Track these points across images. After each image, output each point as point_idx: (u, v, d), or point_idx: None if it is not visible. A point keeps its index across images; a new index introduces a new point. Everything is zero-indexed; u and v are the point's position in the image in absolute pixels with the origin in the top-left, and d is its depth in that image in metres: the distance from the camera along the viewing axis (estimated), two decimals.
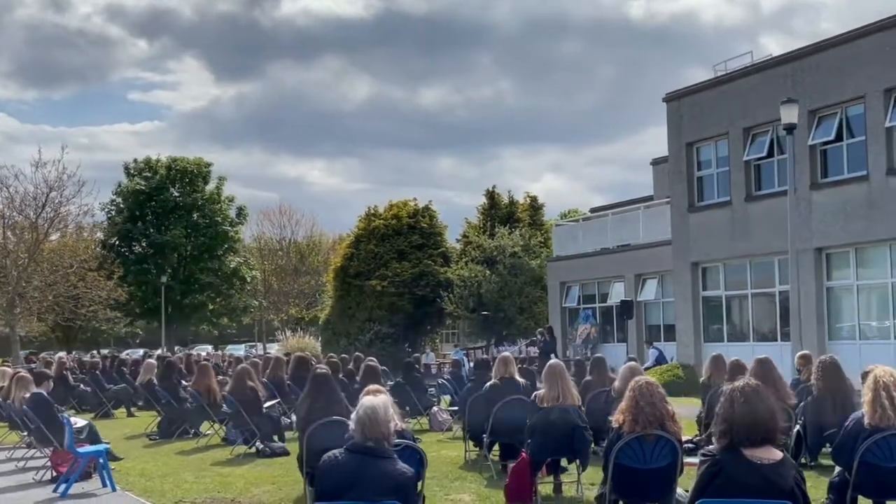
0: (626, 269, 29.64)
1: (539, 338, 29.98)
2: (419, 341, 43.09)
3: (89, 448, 11.06)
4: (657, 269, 28.27)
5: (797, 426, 10.35)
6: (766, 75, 23.38)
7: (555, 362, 9.75)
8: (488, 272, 37.28)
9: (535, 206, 45.86)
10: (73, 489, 10.70)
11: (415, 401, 16.21)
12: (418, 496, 5.85)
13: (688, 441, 9.82)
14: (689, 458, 7.23)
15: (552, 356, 28.90)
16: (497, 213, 43.48)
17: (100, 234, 56.71)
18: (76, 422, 11.92)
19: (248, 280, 61.66)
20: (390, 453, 4.96)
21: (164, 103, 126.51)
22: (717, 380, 12.49)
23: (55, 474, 11.51)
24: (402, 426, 6.82)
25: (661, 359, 26.16)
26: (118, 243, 57.49)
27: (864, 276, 21.46)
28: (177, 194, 58.67)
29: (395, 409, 6.79)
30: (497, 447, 11.61)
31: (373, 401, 5.10)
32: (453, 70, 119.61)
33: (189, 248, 58.26)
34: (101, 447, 11.23)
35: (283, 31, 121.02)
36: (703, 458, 4.84)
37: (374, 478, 4.81)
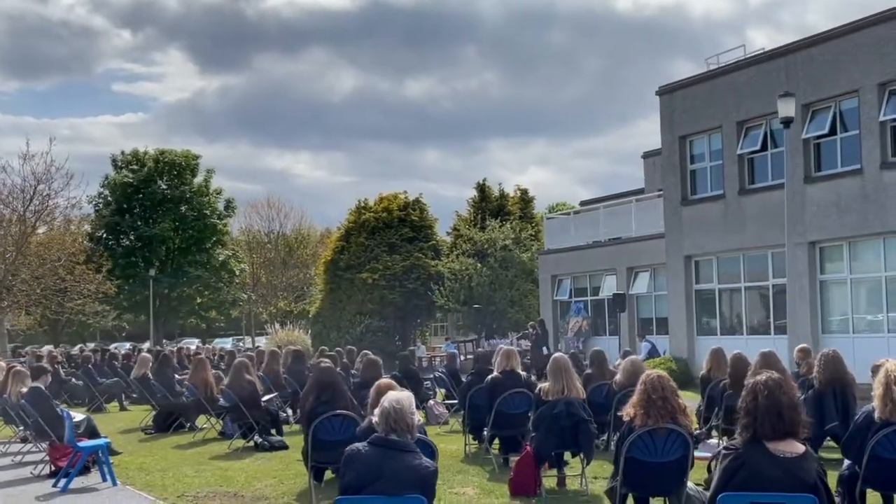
0: (618, 263, 29.66)
1: (531, 331, 30.00)
2: (409, 334, 43.04)
3: (90, 442, 11.00)
4: (649, 262, 28.29)
5: None
6: (760, 69, 23.40)
7: (559, 356, 9.73)
8: (479, 265, 37.25)
9: (525, 199, 45.84)
10: (72, 483, 10.64)
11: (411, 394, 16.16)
12: None
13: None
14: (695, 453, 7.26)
15: (544, 349, 29.04)
16: (488, 206, 43.43)
17: (87, 227, 56.37)
18: (74, 416, 11.82)
19: (236, 273, 61.45)
20: (413, 447, 4.95)
21: (148, 95, 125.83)
22: (717, 373, 12.52)
23: (54, 468, 11.44)
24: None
25: (653, 352, 26.18)
26: (106, 236, 57.18)
27: (857, 270, 21.52)
28: (165, 187, 58.34)
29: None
30: (497, 440, 11.62)
31: (397, 395, 5.08)
32: (439, 62, 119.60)
33: (177, 241, 57.99)
34: (101, 441, 11.17)
35: (269, 23, 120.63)
36: (725, 451, 4.84)
37: (398, 471, 4.80)
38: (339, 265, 41.36)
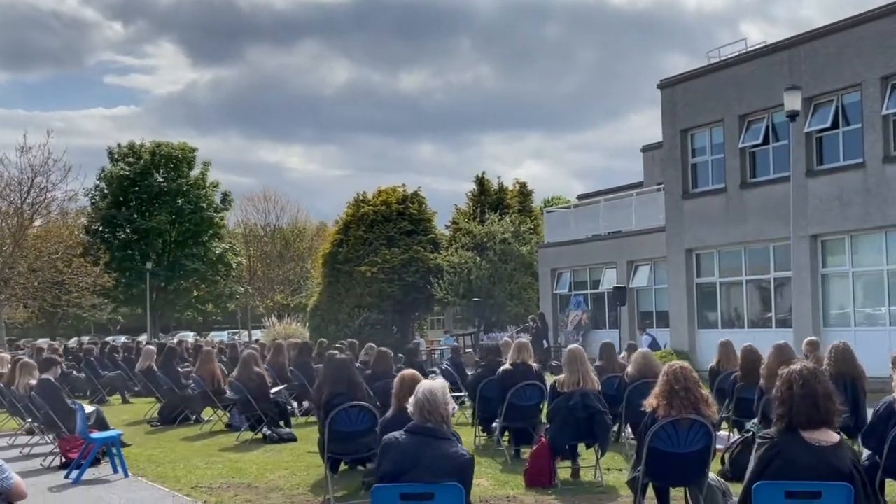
0: (618, 256, 29.69)
1: (531, 324, 30.02)
2: (407, 328, 43.03)
3: (103, 434, 10.98)
4: (650, 255, 28.34)
5: None
6: (762, 62, 23.41)
7: (574, 347, 9.75)
8: (478, 258, 37.25)
9: (524, 193, 45.84)
10: (84, 475, 10.62)
11: None
12: None
13: None
14: None
15: (544, 342, 29.07)
16: (487, 199, 43.42)
17: (83, 220, 56.26)
18: (85, 408, 11.80)
19: (233, 266, 61.38)
20: (450, 435, 4.98)
21: (140, 87, 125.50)
22: (727, 366, 12.57)
23: (64, 460, 11.43)
24: None
25: (654, 345, 26.16)
26: (102, 229, 57.04)
27: (859, 263, 21.58)
28: (161, 180, 58.23)
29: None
30: (507, 433, 11.62)
31: (431, 384, 5.11)
32: (433, 55, 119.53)
33: (174, 234, 57.91)
34: (113, 433, 11.16)
35: (262, 15, 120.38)
36: (760, 440, 4.85)
37: (435, 459, 4.82)
38: (337, 258, 41.33)
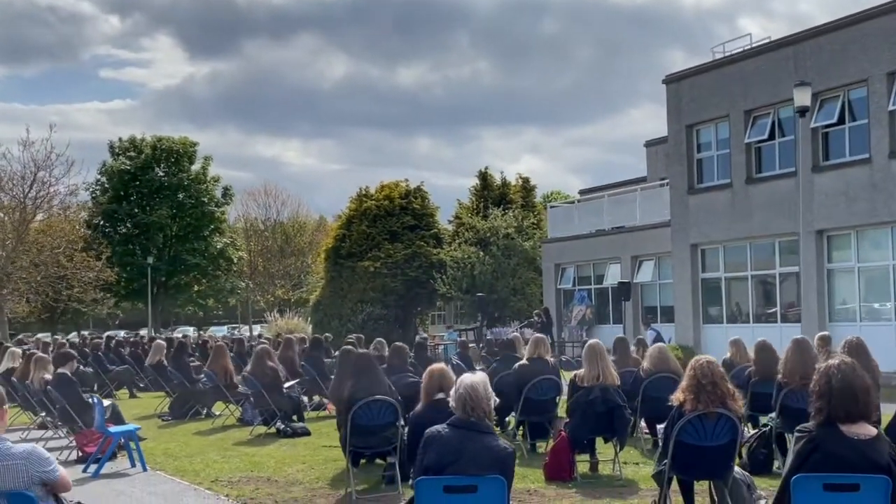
0: (622, 251, 29.77)
1: (536, 319, 30.08)
2: (410, 323, 43.07)
3: (121, 427, 11.03)
4: (654, 250, 28.41)
5: None
6: (768, 58, 23.46)
7: (594, 342, 9.79)
8: (482, 253, 37.30)
9: (526, 188, 45.91)
10: (102, 469, 10.67)
11: (419, 382, 16.22)
12: None
13: None
14: None
15: (548, 338, 29.14)
16: (489, 194, 43.47)
17: (84, 215, 56.22)
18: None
19: (234, 261, 61.36)
20: (492, 429, 5.02)
21: (136, 81, 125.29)
22: (739, 360, 12.64)
23: (81, 454, 11.47)
24: None
25: (658, 340, 26.24)
26: (103, 223, 56.97)
27: (865, 259, 21.66)
28: (162, 174, 58.16)
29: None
30: (521, 427, 11.67)
31: (472, 378, 5.14)
32: (431, 49, 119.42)
33: (175, 229, 57.83)
34: (131, 427, 11.20)
35: (259, 9, 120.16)
36: (798, 434, 4.90)
37: (477, 452, 4.87)
38: (340, 253, 41.37)
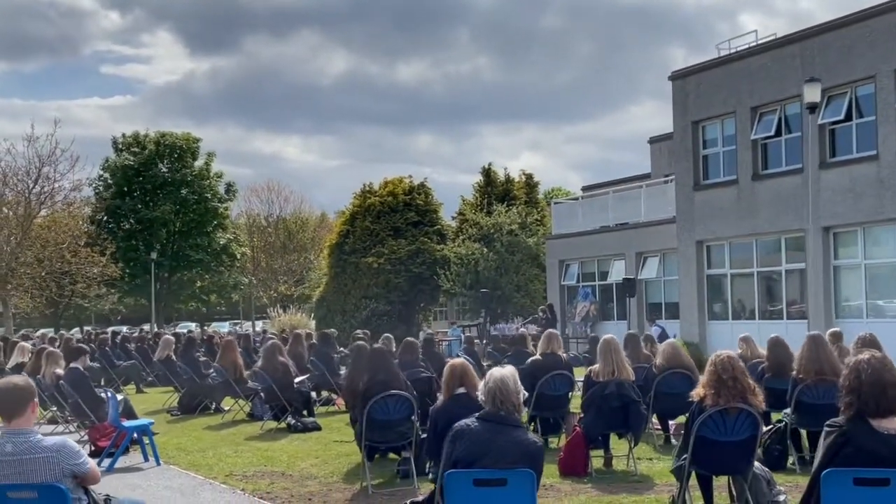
0: (626, 247, 29.77)
1: (541, 315, 30.10)
2: (413, 319, 43.10)
3: (135, 422, 11.04)
4: (659, 247, 28.41)
5: None
6: (775, 54, 23.45)
7: (609, 337, 9.80)
8: (486, 250, 37.32)
9: (530, 184, 45.94)
10: (116, 463, 10.69)
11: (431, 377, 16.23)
12: None
13: None
14: None
15: None
16: (493, 190, 43.49)
17: (87, 210, 56.24)
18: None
19: (237, 257, 61.39)
20: (520, 423, 5.02)
21: (137, 77, 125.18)
22: (749, 356, 12.63)
23: (94, 448, 11.47)
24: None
25: (663, 336, 26.27)
26: (106, 219, 56.99)
27: (871, 255, 21.65)
28: (165, 170, 58.18)
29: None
30: (533, 422, 11.67)
31: (501, 372, 5.15)
32: (431, 45, 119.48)
33: (178, 225, 57.89)
34: (145, 421, 11.22)
35: (259, 4, 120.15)
36: (828, 428, 4.90)
37: (507, 446, 4.88)
38: (344, 249, 41.39)
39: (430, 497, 6.60)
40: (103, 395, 11.74)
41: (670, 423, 11.65)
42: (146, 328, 49.89)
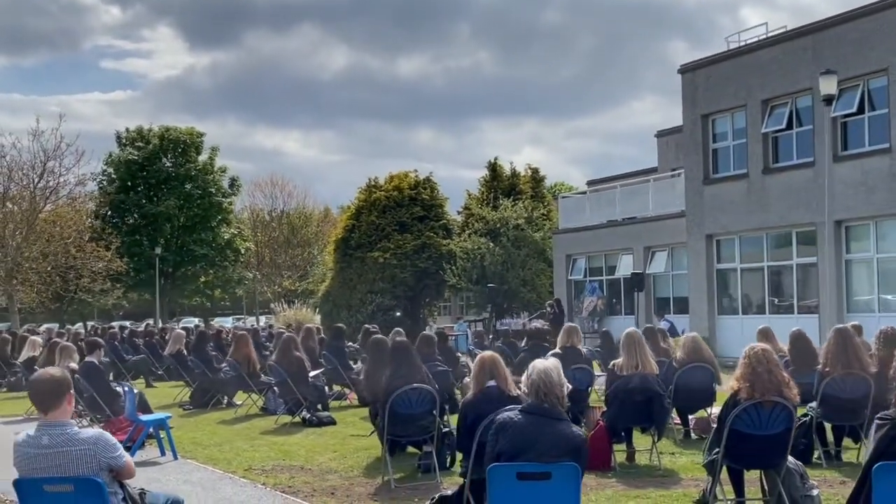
0: (634, 242, 29.66)
1: (549, 310, 29.96)
2: (418, 314, 42.98)
3: (152, 416, 10.96)
4: (667, 241, 28.31)
5: None
6: (786, 47, 23.34)
7: (632, 330, 9.71)
8: (492, 244, 37.19)
9: (536, 178, 45.78)
10: (134, 457, 10.59)
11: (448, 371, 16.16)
12: None
13: None
14: None
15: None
16: (499, 184, 43.34)
17: (91, 205, 56.11)
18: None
19: (241, 252, 61.30)
20: (565, 415, 4.93)
21: (137, 71, 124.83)
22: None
23: None
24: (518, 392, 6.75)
25: (672, 331, 26.20)
26: (110, 214, 56.88)
27: (884, 249, 21.55)
28: (169, 165, 58.07)
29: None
30: None
31: (545, 364, 5.05)
32: (432, 40, 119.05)
33: (182, 220, 57.75)
34: (162, 415, 11.13)
35: None
36: (880, 421, 4.83)
37: (552, 439, 4.80)
38: (349, 244, 41.24)
39: (459, 491, 6.51)
40: (119, 389, 11.65)
41: (690, 417, 11.56)
42: (150, 323, 49.81)
